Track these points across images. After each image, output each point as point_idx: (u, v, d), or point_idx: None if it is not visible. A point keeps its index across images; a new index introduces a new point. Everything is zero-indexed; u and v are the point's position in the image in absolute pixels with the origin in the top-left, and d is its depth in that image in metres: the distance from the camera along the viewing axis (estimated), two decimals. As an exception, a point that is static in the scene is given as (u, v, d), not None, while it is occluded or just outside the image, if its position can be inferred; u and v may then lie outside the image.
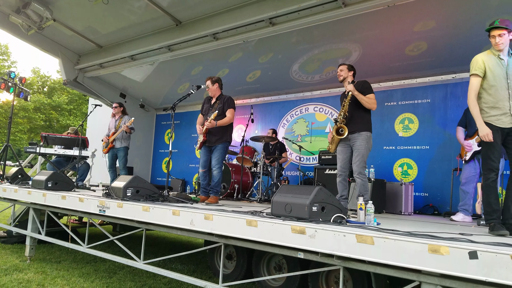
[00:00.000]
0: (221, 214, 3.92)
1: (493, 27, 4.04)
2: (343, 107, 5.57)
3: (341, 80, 5.84)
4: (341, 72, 5.79)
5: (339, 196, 5.72)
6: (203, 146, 6.27)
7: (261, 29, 7.22)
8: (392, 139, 8.38)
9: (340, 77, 5.81)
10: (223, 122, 6.10)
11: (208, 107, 6.42)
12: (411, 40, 7.23)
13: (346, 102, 5.53)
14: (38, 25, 8.47)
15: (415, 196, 7.58)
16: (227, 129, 6.32)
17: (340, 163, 5.74)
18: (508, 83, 3.89)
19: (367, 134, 5.56)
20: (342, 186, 5.73)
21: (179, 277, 4.45)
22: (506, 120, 3.89)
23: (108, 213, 5.10)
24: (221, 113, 6.17)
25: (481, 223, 4.65)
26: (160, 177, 13.02)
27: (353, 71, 5.82)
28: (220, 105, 6.26)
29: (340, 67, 5.84)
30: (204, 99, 6.66)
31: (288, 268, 5.03)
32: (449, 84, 7.88)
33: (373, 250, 2.83)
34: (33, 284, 5.28)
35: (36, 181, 6.75)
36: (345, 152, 5.70)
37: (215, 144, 6.19)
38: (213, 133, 6.17)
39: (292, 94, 10.36)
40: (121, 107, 9.00)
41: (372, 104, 5.55)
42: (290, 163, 9.93)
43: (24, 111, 33.81)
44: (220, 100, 6.33)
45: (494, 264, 2.35)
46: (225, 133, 6.27)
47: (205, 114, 6.41)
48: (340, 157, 5.76)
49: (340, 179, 5.75)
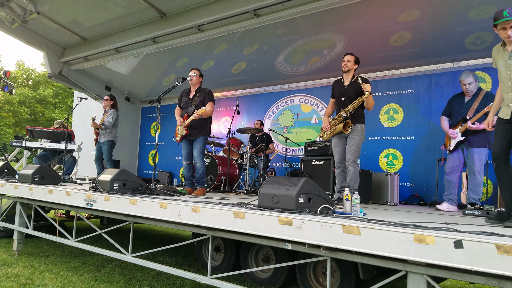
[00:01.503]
0: (209, 206, 3.94)
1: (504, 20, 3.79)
2: (354, 104, 5.57)
3: (345, 71, 5.78)
4: (348, 63, 5.73)
5: (338, 187, 5.81)
6: (183, 139, 6.30)
7: (246, 20, 7.20)
8: (377, 130, 8.44)
9: (345, 67, 5.74)
10: (205, 114, 6.11)
11: (187, 100, 6.41)
12: (396, 31, 7.26)
13: (359, 101, 5.54)
14: (22, 18, 8.35)
15: (401, 187, 7.65)
16: (207, 122, 6.40)
17: (338, 155, 5.81)
18: (509, 74, 3.85)
19: (362, 127, 5.68)
20: (341, 177, 5.80)
21: (167, 270, 4.47)
22: (506, 112, 3.81)
23: (96, 206, 5.09)
24: (201, 105, 6.17)
25: (466, 212, 4.72)
26: (147, 170, 12.97)
27: (358, 65, 5.82)
28: (201, 98, 6.27)
29: (347, 56, 5.77)
30: (182, 92, 6.63)
31: (276, 259, 5.08)
32: (433, 74, 7.94)
33: (360, 240, 2.86)
34: (22, 279, 5.27)
35: (23, 175, 6.70)
36: (341, 144, 5.77)
37: (196, 137, 6.24)
38: (194, 127, 6.20)
39: (278, 85, 10.35)
40: (111, 100, 8.87)
41: (372, 106, 5.69)
42: (277, 155, 9.96)
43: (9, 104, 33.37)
44: (200, 93, 6.34)
45: (479, 253, 2.39)
46: (205, 126, 6.34)
47: (184, 108, 6.42)
48: (336, 149, 5.83)
49: (339, 171, 5.82)
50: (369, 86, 5.46)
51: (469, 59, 7.47)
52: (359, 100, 5.53)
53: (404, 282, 2.84)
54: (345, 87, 5.76)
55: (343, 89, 5.79)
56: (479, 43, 7.02)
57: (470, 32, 6.88)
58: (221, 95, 11.39)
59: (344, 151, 5.70)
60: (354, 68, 5.77)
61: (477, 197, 5.59)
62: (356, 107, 5.58)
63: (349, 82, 5.75)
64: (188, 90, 6.51)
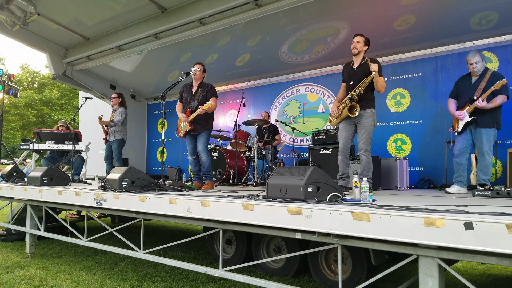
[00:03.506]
0: (218, 200, 3.93)
1: None
2: (361, 85, 5.40)
3: (355, 54, 5.57)
4: (357, 45, 5.51)
5: (340, 174, 5.66)
6: (187, 135, 6.30)
7: (247, 11, 7.14)
8: (385, 115, 8.39)
9: (355, 49, 5.52)
10: (210, 109, 6.11)
11: (189, 95, 6.39)
12: (399, 14, 7.19)
13: (366, 82, 5.37)
14: (23, 21, 8.35)
15: (410, 171, 7.61)
16: (210, 117, 6.41)
17: (342, 140, 5.66)
18: None
19: (372, 111, 5.50)
20: (343, 164, 5.66)
21: (179, 265, 4.48)
22: None
23: (105, 205, 5.10)
24: (205, 101, 6.18)
25: (476, 193, 4.68)
26: (156, 166, 13.01)
27: (368, 46, 5.60)
28: (203, 93, 6.27)
29: (357, 38, 5.55)
30: (182, 87, 6.61)
31: (288, 249, 5.08)
32: (439, 56, 7.87)
33: (370, 226, 2.84)
34: (36, 280, 5.30)
35: (32, 178, 6.72)
36: (348, 129, 5.62)
37: (200, 132, 6.25)
38: (198, 122, 6.20)
39: (283, 76, 10.32)
40: (119, 98, 8.88)
41: (383, 88, 5.47)
42: (284, 145, 9.94)
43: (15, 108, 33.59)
44: (202, 88, 6.33)
45: (490, 234, 2.36)
46: (208, 121, 6.36)
47: (186, 103, 6.41)
48: (342, 134, 5.66)
49: (341, 157, 5.68)
50: (376, 66, 5.27)
51: (475, 39, 7.40)
52: (366, 80, 5.36)
53: (416, 266, 2.82)
54: (354, 69, 5.59)
55: (352, 72, 5.62)
56: (484, 23, 6.94)
57: (475, 12, 6.80)
58: (226, 88, 11.38)
59: (350, 137, 5.60)
60: (364, 49, 5.57)
61: (487, 178, 5.54)
62: (364, 89, 5.40)
63: (359, 64, 5.58)
64: (190, 84, 6.49)
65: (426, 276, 2.75)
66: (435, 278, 2.71)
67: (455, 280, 5.08)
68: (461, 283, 2.95)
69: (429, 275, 2.74)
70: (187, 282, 5.13)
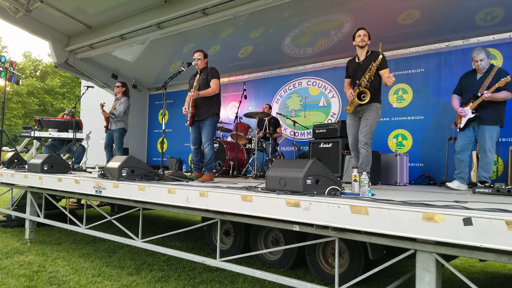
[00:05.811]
0: (216, 191, 3.92)
1: None
2: (369, 70, 5.39)
3: (363, 46, 5.54)
4: (364, 37, 5.50)
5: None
6: (193, 123, 6.22)
7: (251, 2, 7.10)
8: (386, 110, 8.34)
9: (363, 42, 5.50)
10: (206, 92, 6.00)
11: (193, 82, 6.33)
12: (404, 9, 7.15)
13: (374, 66, 5.36)
14: (26, 7, 8.34)
15: (410, 167, 7.60)
16: (213, 101, 6.20)
17: (351, 137, 5.70)
18: None
19: (377, 105, 5.50)
20: (357, 159, 5.67)
21: (177, 254, 4.48)
22: None
23: (105, 193, 5.10)
24: (205, 83, 6.07)
25: (476, 190, 4.67)
26: (156, 157, 13.01)
27: (370, 40, 5.62)
28: (204, 75, 6.15)
29: (362, 31, 5.54)
30: (191, 76, 6.56)
31: (285, 241, 5.08)
32: (442, 52, 7.82)
33: (368, 220, 2.83)
34: (34, 266, 5.31)
35: (32, 165, 6.72)
36: (355, 126, 5.65)
37: (204, 117, 6.09)
38: (200, 106, 6.09)
39: (285, 68, 10.29)
40: (123, 87, 8.83)
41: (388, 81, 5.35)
42: (285, 139, 9.93)
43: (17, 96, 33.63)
44: (204, 72, 6.21)
45: (489, 230, 2.34)
46: (212, 105, 6.16)
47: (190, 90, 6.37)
48: (351, 131, 5.70)
49: (354, 153, 5.72)
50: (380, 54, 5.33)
51: (480, 35, 7.35)
52: (373, 65, 5.34)
53: (413, 262, 2.81)
54: (360, 63, 5.57)
55: (357, 66, 5.60)
56: (490, 19, 6.89)
57: (480, 8, 6.75)
58: (228, 80, 11.35)
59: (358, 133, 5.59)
60: (368, 43, 5.58)
61: (487, 175, 5.53)
62: (373, 74, 5.39)
63: (364, 57, 5.56)
64: (195, 73, 6.44)
65: (423, 271, 2.74)
66: (432, 273, 2.70)
67: (453, 277, 5.08)
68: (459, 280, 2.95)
69: (426, 270, 2.73)
70: (185, 272, 5.14)
